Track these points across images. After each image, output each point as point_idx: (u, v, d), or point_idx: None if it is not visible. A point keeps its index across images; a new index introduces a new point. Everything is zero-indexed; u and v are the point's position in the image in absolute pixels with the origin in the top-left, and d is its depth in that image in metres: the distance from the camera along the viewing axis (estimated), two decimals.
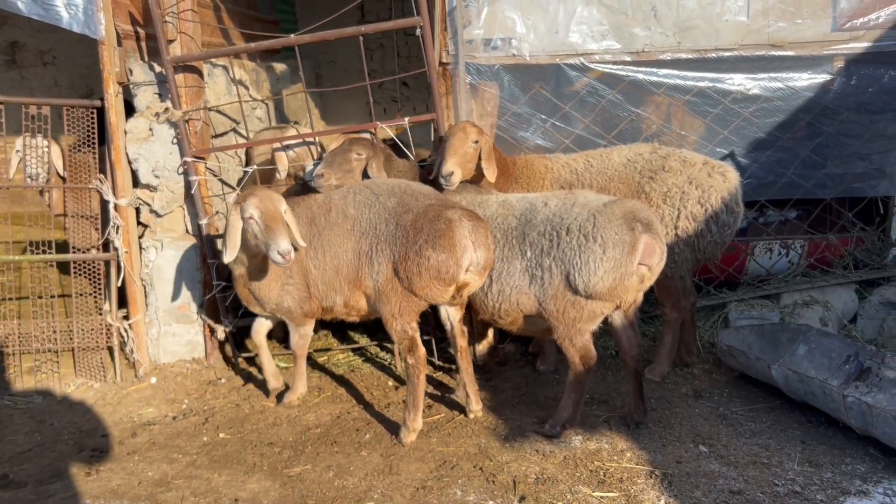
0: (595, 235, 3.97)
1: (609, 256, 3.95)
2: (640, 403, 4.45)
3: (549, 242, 4.10)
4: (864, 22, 5.37)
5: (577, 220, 4.07)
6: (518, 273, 4.22)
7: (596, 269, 3.96)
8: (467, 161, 4.54)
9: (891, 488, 3.83)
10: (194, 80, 5.33)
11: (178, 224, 5.51)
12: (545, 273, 4.12)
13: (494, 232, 4.31)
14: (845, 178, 5.71)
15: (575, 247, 4.01)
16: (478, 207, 4.43)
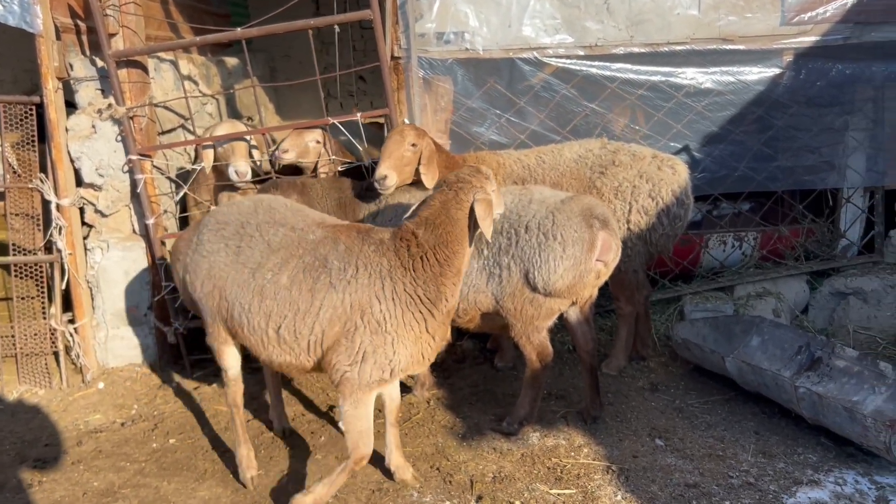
0: (554, 233, 3.94)
1: (568, 254, 3.92)
2: (597, 398, 4.44)
3: (508, 240, 4.06)
4: (811, 16, 5.43)
5: (535, 217, 4.03)
6: (475, 272, 4.17)
7: (556, 267, 3.94)
8: (405, 165, 4.41)
9: (841, 477, 3.89)
10: (138, 75, 5.17)
11: (125, 224, 5.35)
12: (503, 271, 4.08)
13: None
14: (796, 171, 5.79)
15: (534, 245, 3.97)
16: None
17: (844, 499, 3.69)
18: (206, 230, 3.76)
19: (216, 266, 3.64)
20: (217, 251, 3.66)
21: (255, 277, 3.52)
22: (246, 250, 3.60)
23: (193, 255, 3.75)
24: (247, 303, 3.53)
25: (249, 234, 3.64)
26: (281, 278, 3.47)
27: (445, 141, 5.36)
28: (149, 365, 5.39)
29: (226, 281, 3.60)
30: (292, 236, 3.58)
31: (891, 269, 5.87)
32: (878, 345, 5.42)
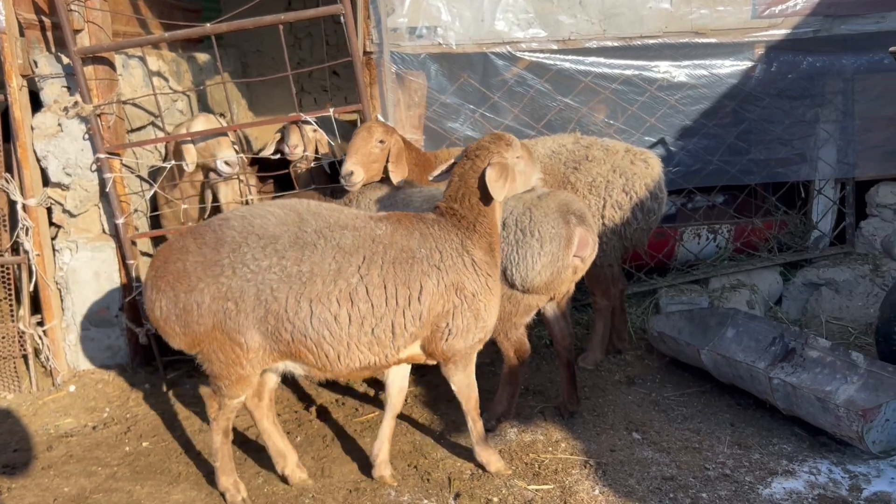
0: (532, 230, 3.92)
1: (546, 251, 3.89)
2: (574, 393, 4.45)
3: None
4: (782, 9, 5.46)
5: (512, 214, 4.00)
6: None
7: (534, 264, 3.91)
8: (372, 161, 4.38)
9: (815, 467, 3.93)
10: (105, 72, 5.07)
11: (94, 224, 5.25)
12: None
13: None
14: (769, 164, 5.84)
15: (512, 242, 3.94)
16: (400, 204, 4.33)
17: (818, 488, 3.73)
18: (245, 249, 3.37)
19: (268, 286, 3.32)
20: (269, 268, 3.33)
21: (336, 284, 3.35)
22: (314, 258, 3.36)
23: (230, 280, 3.34)
24: (332, 313, 3.33)
25: (312, 243, 3.39)
26: (371, 278, 3.38)
27: (419, 136, 5.33)
28: (121, 367, 5.29)
29: (288, 299, 3.32)
30: (362, 234, 3.46)
31: (862, 259, 5.95)
32: (850, 335, 5.49)
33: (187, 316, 3.39)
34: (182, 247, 3.45)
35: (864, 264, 5.88)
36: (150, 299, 3.46)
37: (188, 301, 3.37)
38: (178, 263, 3.41)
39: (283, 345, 3.39)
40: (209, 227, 3.51)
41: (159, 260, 3.48)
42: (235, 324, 3.36)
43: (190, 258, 3.40)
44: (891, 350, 4.50)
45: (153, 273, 3.47)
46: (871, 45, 5.51)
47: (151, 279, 3.46)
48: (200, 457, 4.19)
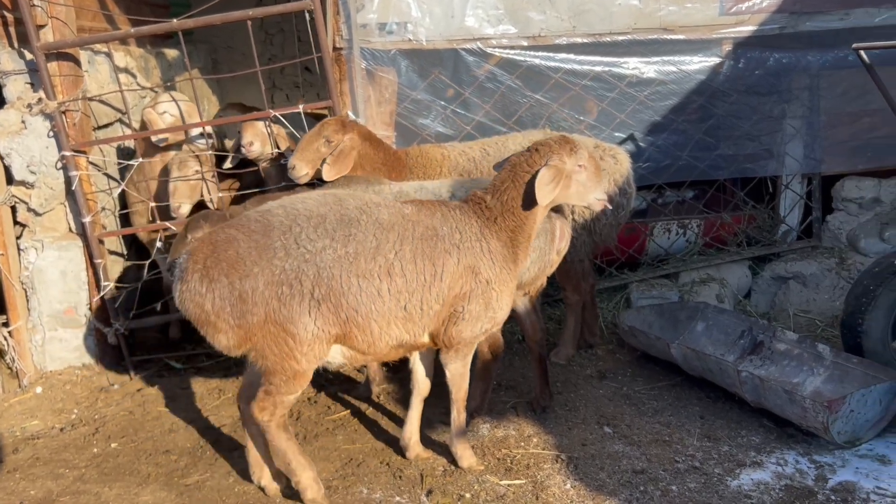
0: None
1: (535, 246, 3.89)
2: (546, 388, 4.47)
3: None
4: (748, 6, 5.53)
5: None
6: None
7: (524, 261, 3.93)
8: (319, 158, 4.41)
9: (783, 457, 3.99)
10: (70, 68, 4.99)
11: (61, 223, 5.17)
12: None
13: None
14: (737, 159, 5.90)
15: None
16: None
17: (785, 478, 3.78)
18: (296, 229, 3.34)
19: (326, 265, 3.32)
20: (324, 249, 3.33)
21: (376, 259, 3.39)
22: (359, 236, 3.40)
23: (283, 262, 3.29)
24: (375, 288, 3.38)
25: (356, 219, 3.43)
26: (405, 253, 3.43)
27: (390, 133, 5.31)
28: (89, 367, 5.22)
29: (342, 276, 3.34)
30: (395, 211, 3.52)
31: (828, 253, 6.04)
32: (817, 327, 5.58)
33: (242, 305, 3.28)
34: (228, 236, 3.33)
35: (831, 258, 5.98)
36: (200, 293, 3.27)
37: (243, 288, 3.26)
38: (230, 251, 3.29)
39: (338, 326, 3.38)
40: (250, 217, 3.43)
41: (204, 252, 3.30)
42: (289, 311, 3.30)
43: (241, 245, 3.30)
44: (856, 342, 4.57)
45: (200, 265, 3.28)
46: (835, 41, 5.59)
47: (201, 271, 3.28)
48: (170, 456, 4.15)
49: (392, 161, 4.63)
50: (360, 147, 4.47)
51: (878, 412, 4.08)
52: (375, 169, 4.54)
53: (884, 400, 4.07)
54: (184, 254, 3.39)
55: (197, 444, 4.27)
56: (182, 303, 3.33)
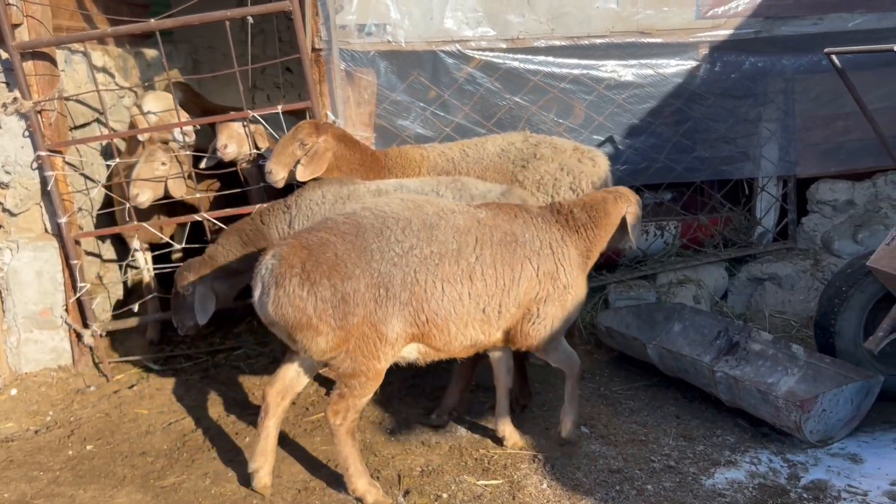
0: None
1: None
2: (525, 387, 4.50)
3: None
4: (724, 10, 5.59)
5: None
6: None
7: None
8: (296, 160, 4.45)
9: (756, 457, 4.04)
10: (46, 67, 4.94)
11: (36, 223, 5.11)
12: None
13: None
14: (714, 161, 5.96)
15: None
16: (348, 199, 4.31)
17: (759, 477, 3.84)
18: (387, 232, 3.42)
19: (412, 268, 3.42)
20: (409, 251, 3.42)
21: (458, 263, 3.51)
22: (440, 239, 3.51)
23: (380, 265, 3.37)
24: (457, 292, 3.51)
25: (435, 224, 3.53)
26: (485, 258, 3.56)
27: (370, 134, 5.31)
28: (65, 369, 5.17)
29: (426, 280, 3.45)
30: (470, 216, 3.65)
31: (803, 254, 6.12)
32: (792, 328, 5.66)
33: (345, 306, 3.31)
34: (320, 239, 3.35)
35: (806, 259, 6.06)
36: (301, 297, 3.26)
37: (346, 290, 3.30)
38: (329, 254, 3.31)
39: (418, 326, 3.49)
40: (336, 220, 3.47)
41: (299, 256, 3.29)
42: (384, 312, 3.39)
43: (338, 247, 3.34)
44: (828, 342, 4.65)
45: (298, 270, 3.27)
46: (810, 46, 5.66)
47: (300, 275, 3.27)
48: (147, 458, 4.12)
49: (369, 162, 4.64)
50: (335, 149, 4.49)
51: (850, 411, 4.15)
52: (352, 170, 4.55)
53: (855, 399, 4.14)
54: (269, 260, 3.36)
55: (174, 446, 4.25)
56: (278, 308, 3.30)
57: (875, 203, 6.12)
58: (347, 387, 3.48)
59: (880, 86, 5.64)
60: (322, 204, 4.32)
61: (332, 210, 4.25)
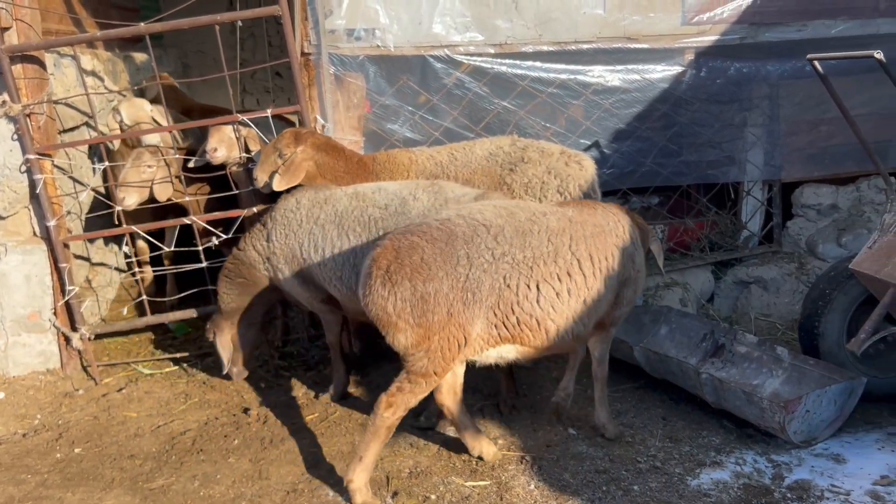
0: None
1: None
2: (512, 388, 4.54)
3: None
4: (710, 16, 5.65)
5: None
6: None
7: None
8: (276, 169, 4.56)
9: (741, 457, 4.09)
10: (35, 70, 4.95)
11: (25, 226, 5.11)
12: None
13: (353, 225, 4.24)
14: (699, 166, 6.02)
15: None
16: (324, 204, 4.36)
17: (744, 477, 3.88)
18: (478, 240, 3.54)
19: (503, 273, 3.55)
20: (501, 257, 3.55)
21: (556, 263, 3.66)
22: (534, 244, 3.65)
23: (467, 271, 3.49)
24: (556, 290, 3.65)
25: (528, 229, 3.67)
26: (581, 252, 3.73)
27: (359, 138, 5.34)
28: (53, 373, 5.16)
29: (519, 285, 3.57)
30: (561, 216, 3.82)
31: (788, 258, 6.19)
32: (777, 330, 5.72)
33: (424, 305, 3.43)
34: (411, 243, 3.48)
35: (791, 263, 6.12)
36: (382, 296, 3.43)
37: (426, 290, 3.43)
38: (414, 257, 3.46)
39: (508, 329, 3.61)
40: (431, 226, 3.58)
41: (387, 258, 3.45)
42: (470, 314, 3.50)
43: (426, 251, 3.47)
44: (813, 344, 4.70)
45: (383, 271, 3.43)
46: (794, 52, 5.74)
47: (383, 276, 3.43)
48: (135, 461, 4.13)
49: (355, 168, 4.68)
50: (315, 158, 4.55)
51: (834, 412, 4.20)
52: (337, 177, 4.60)
53: (839, 400, 4.20)
54: (366, 259, 3.55)
55: (162, 449, 4.25)
56: (367, 305, 3.50)
57: (858, 207, 6.20)
58: (411, 383, 3.57)
59: (862, 92, 5.72)
60: (297, 210, 4.40)
61: (308, 215, 4.33)
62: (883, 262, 4.16)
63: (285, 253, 4.41)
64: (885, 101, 5.79)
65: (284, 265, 4.43)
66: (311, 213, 4.35)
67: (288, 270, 4.44)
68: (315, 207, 4.36)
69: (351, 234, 4.23)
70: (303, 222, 4.36)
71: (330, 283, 4.32)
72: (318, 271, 4.33)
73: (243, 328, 4.77)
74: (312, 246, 4.32)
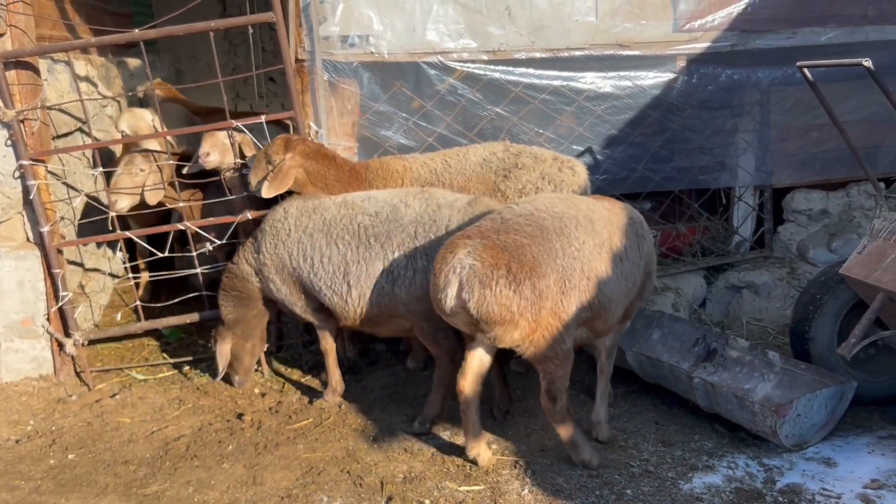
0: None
1: None
2: (506, 392, 4.57)
3: (425, 244, 4.12)
4: (701, 24, 5.70)
5: (451, 222, 4.14)
6: (380, 275, 4.20)
7: None
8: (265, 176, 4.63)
9: (733, 461, 4.11)
10: (29, 76, 4.95)
11: (18, 232, 5.11)
12: (417, 274, 4.13)
13: (342, 234, 4.26)
14: (691, 171, 6.06)
15: None
16: (313, 213, 4.39)
17: (735, 481, 3.91)
18: (567, 231, 3.77)
19: (584, 260, 3.78)
20: (583, 245, 3.79)
21: (613, 249, 3.95)
22: (598, 231, 3.91)
23: (563, 262, 3.70)
24: (615, 275, 3.91)
25: (591, 218, 3.92)
26: (625, 240, 4.03)
27: (353, 144, 5.36)
28: (46, 378, 5.16)
29: (597, 268, 3.83)
30: (602, 208, 4.08)
31: (779, 263, 6.24)
32: (769, 335, 5.76)
33: (541, 302, 3.61)
34: (516, 242, 3.62)
35: (782, 267, 6.17)
36: (508, 296, 3.52)
37: (542, 287, 3.60)
38: (527, 255, 3.60)
39: (592, 311, 3.84)
40: (519, 223, 3.73)
41: (505, 257, 3.55)
42: (567, 302, 3.72)
43: (533, 248, 3.64)
44: (803, 349, 4.74)
45: (504, 271, 3.52)
46: (784, 59, 5.79)
47: (506, 276, 3.53)
48: (129, 467, 4.12)
49: (346, 176, 4.71)
50: (304, 165, 4.59)
51: (824, 416, 4.23)
52: (328, 185, 4.63)
53: (829, 404, 4.23)
54: (466, 260, 3.56)
55: (156, 454, 4.25)
56: (482, 305, 3.54)
57: (848, 212, 6.26)
58: (547, 372, 3.79)
59: (851, 98, 5.79)
60: (286, 220, 4.43)
61: (297, 224, 4.36)
62: (873, 266, 4.20)
63: (275, 263, 4.45)
64: (873, 107, 5.86)
65: (275, 275, 4.47)
66: (300, 222, 4.38)
67: (279, 280, 4.47)
68: (303, 216, 4.39)
69: (340, 243, 4.26)
70: (291, 231, 4.39)
71: (321, 293, 4.34)
72: (309, 280, 4.36)
73: (243, 339, 4.84)
74: (301, 255, 4.35)
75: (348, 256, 4.23)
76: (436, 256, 3.71)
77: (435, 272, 3.65)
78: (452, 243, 3.66)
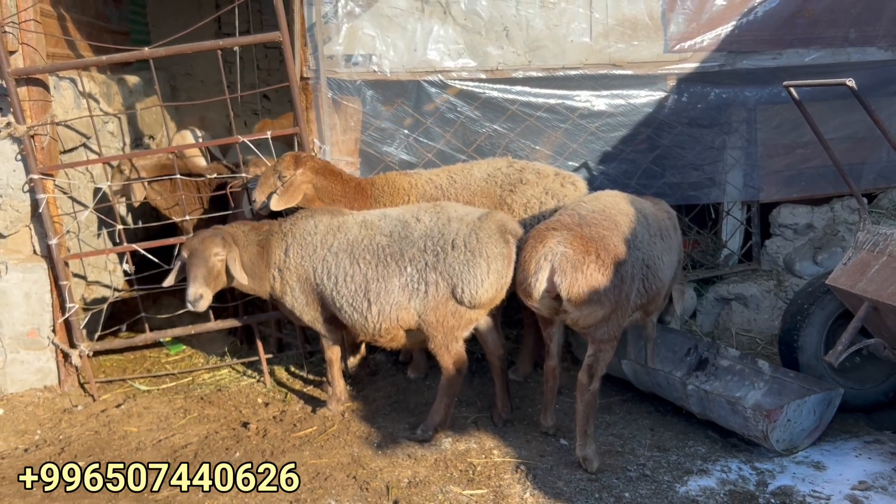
0: (480, 250, 4.25)
1: (493, 269, 4.25)
2: (507, 401, 4.68)
3: (435, 258, 4.28)
4: (691, 45, 5.90)
5: (459, 235, 4.30)
6: (397, 290, 4.34)
7: (482, 282, 4.23)
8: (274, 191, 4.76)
9: (727, 465, 4.24)
10: (39, 93, 5.06)
11: (25, 245, 5.20)
12: (429, 287, 4.28)
13: (363, 254, 4.40)
14: (682, 187, 6.22)
15: (462, 261, 4.24)
16: (338, 231, 4.52)
17: (729, 484, 4.04)
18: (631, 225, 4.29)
19: (644, 250, 4.32)
20: (643, 237, 4.34)
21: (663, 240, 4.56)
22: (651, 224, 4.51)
23: (632, 252, 4.17)
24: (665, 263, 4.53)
25: (646, 213, 4.54)
26: (666, 233, 4.63)
27: (355, 160, 5.50)
28: (51, 389, 5.22)
29: (654, 257, 4.38)
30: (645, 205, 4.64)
31: (767, 275, 6.40)
32: (757, 345, 5.91)
33: (623, 285, 4.07)
34: (596, 234, 4.07)
35: (769, 280, 6.34)
36: (597, 279, 3.94)
37: (623, 272, 4.07)
38: (610, 244, 4.06)
39: (649, 296, 4.43)
40: (595, 218, 4.22)
41: (593, 246, 3.99)
42: (631, 286, 4.17)
43: (612, 239, 4.10)
44: (792, 357, 4.90)
45: (594, 257, 3.96)
46: (770, 79, 5.99)
47: (595, 262, 3.95)
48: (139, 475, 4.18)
49: (353, 193, 4.85)
50: (313, 181, 4.73)
51: (813, 421, 4.38)
52: (335, 200, 4.76)
53: (818, 410, 4.38)
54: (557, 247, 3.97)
55: (165, 461, 4.32)
56: (574, 289, 3.94)
57: (833, 226, 6.45)
58: (601, 351, 4.17)
59: (835, 117, 6.00)
60: (315, 234, 4.55)
61: (323, 241, 4.47)
62: (857, 277, 4.36)
63: (300, 273, 4.56)
64: (857, 125, 6.07)
65: (296, 283, 4.57)
66: (326, 240, 4.52)
67: (299, 289, 4.58)
68: (329, 234, 4.53)
69: (361, 262, 4.40)
70: (317, 248, 4.52)
71: (341, 310, 4.47)
72: (331, 297, 4.48)
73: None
74: (326, 273, 4.48)
75: (369, 275, 4.37)
76: (524, 246, 4.13)
77: (524, 259, 4.05)
78: (540, 234, 4.06)
